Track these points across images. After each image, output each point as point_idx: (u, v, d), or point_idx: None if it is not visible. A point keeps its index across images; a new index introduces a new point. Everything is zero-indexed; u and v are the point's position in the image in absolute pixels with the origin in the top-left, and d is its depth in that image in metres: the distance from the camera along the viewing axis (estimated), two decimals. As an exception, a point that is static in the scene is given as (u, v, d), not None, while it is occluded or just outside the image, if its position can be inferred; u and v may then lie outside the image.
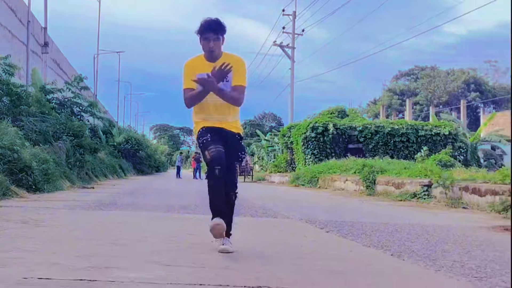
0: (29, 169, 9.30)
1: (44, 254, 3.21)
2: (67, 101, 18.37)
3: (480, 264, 3.56)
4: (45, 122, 13.68)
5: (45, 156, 10.83)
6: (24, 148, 10.16)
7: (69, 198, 8.75)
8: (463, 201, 9.20)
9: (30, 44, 18.11)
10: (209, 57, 3.76)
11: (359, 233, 5.13)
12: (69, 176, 12.60)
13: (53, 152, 12.37)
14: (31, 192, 8.98)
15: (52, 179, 10.45)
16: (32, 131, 12.59)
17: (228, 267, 3.10)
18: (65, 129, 14.34)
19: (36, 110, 14.14)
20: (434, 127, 23.21)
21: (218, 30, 3.71)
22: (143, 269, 2.87)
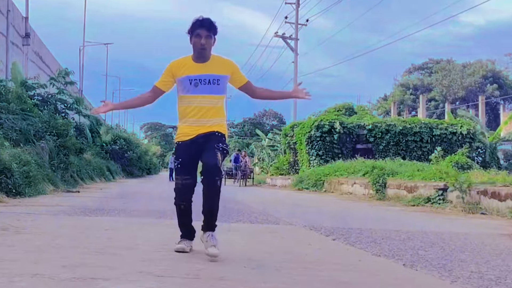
0: (9, 171, 9.29)
1: (26, 264, 3.21)
2: (50, 97, 18.37)
3: (500, 275, 3.56)
4: (26, 120, 13.68)
5: (26, 157, 10.83)
6: (3, 148, 10.16)
7: (53, 202, 8.75)
8: (482, 206, 9.20)
9: (9, 35, 18.11)
10: (199, 57, 3.87)
11: (368, 241, 5.13)
12: (53, 179, 12.60)
13: (35, 153, 12.37)
14: (11, 197, 8.98)
15: (34, 182, 10.45)
16: (12, 130, 12.59)
17: (224, 277, 3.10)
18: (48, 128, 14.34)
19: (16, 107, 14.13)
20: (450, 126, 23.22)
21: (211, 28, 3.83)
22: (133, 280, 2.87)
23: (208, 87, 3.82)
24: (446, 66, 60.84)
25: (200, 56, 3.86)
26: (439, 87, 58.01)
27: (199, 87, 3.81)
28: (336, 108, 29.06)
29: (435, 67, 62.28)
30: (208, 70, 3.84)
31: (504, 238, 5.76)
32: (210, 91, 3.83)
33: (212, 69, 3.86)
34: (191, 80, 3.82)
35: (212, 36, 3.85)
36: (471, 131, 23.09)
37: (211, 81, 3.83)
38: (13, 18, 18.64)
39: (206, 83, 3.82)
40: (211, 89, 3.83)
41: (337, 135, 22.19)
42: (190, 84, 3.83)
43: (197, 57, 3.88)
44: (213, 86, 3.83)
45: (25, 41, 20.26)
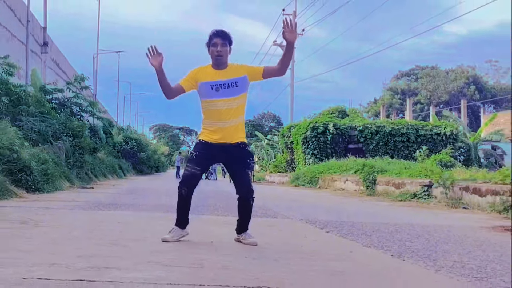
0: (28, 169, 9.29)
1: (43, 255, 3.21)
2: (67, 101, 18.35)
3: (480, 265, 3.56)
4: (44, 122, 13.67)
5: (44, 156, 10.82)
6: (23, 148, 10.15)
7: (69, 198, 8.75)
8: (464, 201, 9.20)
9: (29, 43, 18.12)
10: (217, 64, 3.99)
11: (359, 233, 5.13)
12: (69, 176, 12.60)
13: (52, 152, 12.36)
14: (31, 192, 8.98)
15: (52, 179, 10.45)
16: (31, 131, 12.58)
17: (227, 267, 3.10)
18: (64, 129, 14.33)
19: (35, 110, 14.12)
20: (435, 127, 23.20)
21: (225, 37, 3.97)
22: (143, 270, 2.87)
23: (228, 90, 3.93)
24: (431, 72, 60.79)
25: (218, 63, 3.98)
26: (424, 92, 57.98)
27: (220, 91, 3.93)
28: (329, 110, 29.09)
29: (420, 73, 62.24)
30: (227, 76, 3.96)
31: (484, 231, 5.76)
32: (230, 93, 3.93)
33: (229, 74, 3.97)
34: (213, 86, 3.94)
35: (227, 44, 3.98)
36: (454, 132, 23.07)
37: (230, 84, 3.94)
38: (32, 28, 18.64)
39: (226, 87, 3.93)
40: (231, 92, 3.93)
41: (331, 136, 22.18)
42: (211, 89, 3.94)
43: (215, 64, 3.99)
44: (232, 89, 3.94)
45: (44, 49, 20.26)
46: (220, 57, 3.94)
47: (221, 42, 3.94)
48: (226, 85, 3.93)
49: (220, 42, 3.93)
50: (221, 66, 3.98)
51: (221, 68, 3.98)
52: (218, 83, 3.93)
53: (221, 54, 3.93)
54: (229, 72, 3.98)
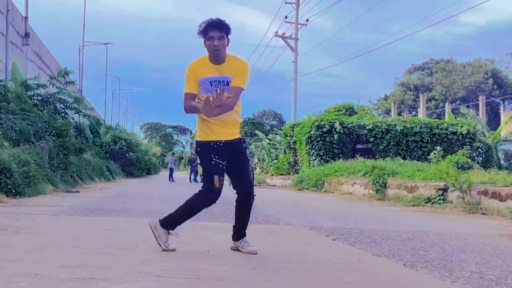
0: (8, 171, 9.29)
1: (25, 264, 3.21)
2: (50, 97, 18.36)
3: (500, 275, 3.56)
4: (26, 120, 13.68)
5: (26, 157, 10.83)
6: (3, 148, 10.16)
7: (52, 202, 8.75)
8: (482, 206, 9.20)
9: (9, 34, 18.11)
10: (214, 58, 3.94)
11: (368, 241, 5.13)
12: (52, 179, 12.61)
13: (34, 153, 12.37)
14: (11, 197, 8.98)
15: (34, 182, 10.45)
16: (11, 130, 12.59)
17: (224, 278, 3.10)
18: (47, 128, 14.33)
19: (16, 107, 14.13)
20: (451, 126, 23.22)
21: (222, 28, 3.89)
22: (133, 281, 2.87)
23: (226, 88, 3.89)
24: (446, 66, 60.84)
25: (215, 57, 3.94)
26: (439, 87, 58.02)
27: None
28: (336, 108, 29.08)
29: (435, 67, 62.28)
30: (224, 72, 3.94)
31: (504, 238, 5.76)
32: (227, 91, 3.89)
33: (227, 71, 3.95)
34: (212, 82, 3.92)
35: (225, 36, 3.91)
36: (471, 131, 23.08)
37: (228, 82, 3.93)
38: (12, 17, 18.64)
39: (225, 84, 3.91)
40: (227, 90, 3.89)
41: (337, 135, 22.18)
42: (211, 85, 3.92)
43: (213, 58, 3.95)
44: (226, 87, 3.91)
45: (25, 41, 20.26)
46: (217, 51, 3.89)
47: (218, 34, 3.86)
48: (225, 82, 3.92)
49: (218, 35, 3.86)
50: (218, 60, 3.95)
51: (218, 63, 3.95)
52: (217, 80, 3.93)
53: (218, 48, 3.87)
54: (227, 68, 3.96)
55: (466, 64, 60.49)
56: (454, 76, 57.75)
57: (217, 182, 3.85)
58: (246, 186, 4.06)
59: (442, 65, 61.48)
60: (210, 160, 3.91)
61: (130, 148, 33.19)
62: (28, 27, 20.64)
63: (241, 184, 4.05)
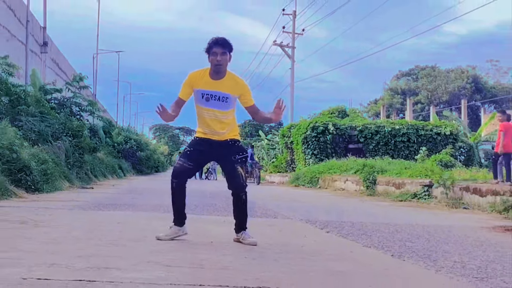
0: (28, 169, 9.29)
1: (43, 255, 3.21)
2: (66, 100, 18.34)
3: (481, 265, 3.56)
4: (44, 122, 13.67)
5: (44, 156, 10.82)
6: (23, 148, 10.15)
7: (68, 198, 8.75)
8: (464, 202, 9.20)
9: (29, 43, 18.11)
10: (216, 72, 3.97)
11: (359, 233, 5.13)
12: (68, 176, 12.59)
13: (52, 152, 12.36)
14: (30, 192, 8.98)
15: (51, 179, 10.44)
16: (31, 131, 12.58)
17: (227, 267, 3.10)
18: (64, 129, 14.32)
19: (35, 110, 14.12)
20: (435, 127, 23.18)
21: (225, 46, 3.96)
22: (143, 270, 2.87)
23: (218, 103, 3.96)
24: (431, 72, 60.79)
25: (216, 71, 3.97)
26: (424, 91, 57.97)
27: (210, 101, 3.96)
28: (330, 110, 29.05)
29: (421, 73, 62.23)
30: (220, 88, 3.97)
31: (485, 231, 5.76)
32: (219, 106, 3.97)
33: (224, 87, 3.97)
34: (203, 94, 3.97)
35: (227, 53, 3.96)
36: (454, 132, 23.05)
37: (221, 98, 3.97)
38: (32, 28, 18.63)
39: (217, 99, 3.96)
40: (220, 105, 3.97)
41: (331, 136, 22.16)
42: (202, 97, 3.97)
43: (214, 72, 3.98)
44: (221, 102, 3.97)
45: (43, 49, 20.25)
46: (219, 66, 3.93)
47: (221, 51, 3.92)
48: (217, 97, 3.96)
49: (220, 51, 3.91)
50: (219, 75, 3.98)
51: (218, 78, 3.98)
52: (210, 93, 3.95)
53: (220, 63, 3.92)
54: (225, 84, 3.98)
55: (449, 71, 60.43)
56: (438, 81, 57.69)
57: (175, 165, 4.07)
58: (234, 187, 4.08)
59: (427, 71, 61.42)
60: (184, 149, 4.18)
61: (140, 147, 33.15)
62: (46, 37, 20.63)
63: (229, 185, 4.10)
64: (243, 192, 4.08)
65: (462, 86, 56.24)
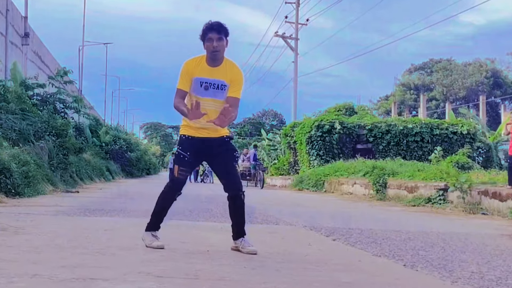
0: (8, 171, 9.29)
1: (25, 264, 3.21)
2: (49, 97, 18.36)
3: (501, 275, 3.56)
4: (25, 120, 13.68)
5: (25, 157, 10.82)
6: (2, 148, 10.16)
7: (52, 203, 8.75)
8: (483, 207, 9.20)
9: (9, 34, 18.11)
10: (212, 59, 3.98)
11: (368, 241, 5.13)
12: (52, 179, 12.60)
13: (34, 153, 12.36)
14: (10, 197, 8.98)
15: (33, 182, 10.45)
16: (11, 130, 12.59)
17: (224, 278, 3.10)
18: (47, 128, 14.33)
19: (15, 107, 14.13)
20: (451, 126, 23.20)
21: (221, 30, 3.95)
22: (132, 281, 2.87)
23: (216, 91, 3.97)
24: (447, 65, 60.82)
25: (213, 58, 3.98)
26: (439, 87, 58.01)
27: (209, 90, 3.96)
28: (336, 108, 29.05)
29: (435, 67, 62.27)
30: (219, 76, 3.98)
31: (505, 239, 5.76)
32: (217, 95, 3.97)
33: (222, 75, 3.99)
34: (202, 83, 3.96)
35: (223, 38, 3.96)
36: (471, 131, 23.06)
37: (219, 86, 3.97)
38: (12, 17, 18.63)
39: (215, 87, 3.96)
40: (217, 93, 3.97)
41: (337, 135, 22.17)
42: (200, 86, 3.97)
43: (211, 59, 3.99)
44: (219, 91, 3.98)
45: (24, 41, 20.25)
46: (216, 52, 3.94)
47: (217, 36, 3.92)
48: (216, 85, 3.96)
49: (216, 37, 3.91)
50: (216, 62, 3.99)
51: (215, 65, 3.99)
52: (209, 82, 3.96)
53: (217, 49, 3.92)
54: (223, 71, 3.99)
55: (466, 64, 60.47)
56: (455, 76, 57.73)
57: (177, 172, 4.02)
58: (234, 186, 4.07)
59: (443, 65, 61.44)
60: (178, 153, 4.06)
61: (130, 148, 33.18)
62: (28, 27, 20.63)
63: (228, 184, 4.08)
64: (242, 191, 4.07)
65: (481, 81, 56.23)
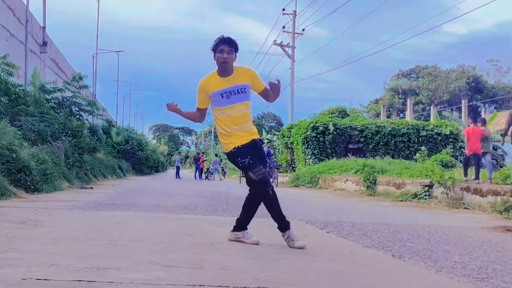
0: (28, 169, 9.29)
1: (43, 255, 3.21)
2: (65, 100, 18.35)
3: (481, 265, 3.56)
4: (43, 122, 13.67)
5: (43, 156, 10.83)
6: (22, 148, 10.16)
7: (68, 198, 8.75)
8: (465, 202, 9.20)
9: (28, 43, 18.11)
10: (222, 70, 4.03)
11: (359, 233, 5.13)
12: (68, 176, 12.60)
13: (51, 152, 12.36)
14: (30, 193, 8.98)
15: (51, 179, 10.45)
16: (30, 131, 12.59)
17: (227, 267, 3.10)
18: (63, 129, 14.33)
19: (34, 110, 14.13)
20: (436, 127, 23.20)
21: (232, 44, 4.02)
22: (142, 270, 2.87)
23: (238, 96, 4.00)
24: (432, 72, 60.81)
25: (223, 69, 4.02)
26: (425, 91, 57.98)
27: (230, 98, 3.99)
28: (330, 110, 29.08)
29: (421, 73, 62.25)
30: (234, 82, 4.01)
31: (485, 231, 5.76)
32: (240, 99, 4.01)
33: (237, 80, 4.02)
34: (223, 94, 3.99)
35: (233, 51, 4.02)
36: (454, 132, 23.07)
37: (239, 90, 4.01)
38: (31, 27, 18.62)
39: (236, 93, 4.00)
40: (241, 97, 4.01)
41: (331, 136, 22.17)
42: (222, 97, 3.99)
43: (221, 71, 4.03)
44: (242, 94, 4.01)
45: (43, 49, 20.24)
46: (226, 63, 3.98)
47: (228, 49, 3.97)
48: (236, 91, 3.99)
49: (227, 49, 3.97)
50: (226, 73, 4.02)
51: (227, 75, 4.02)
52: (228, 90, 3.98)
53: (227, 60, 3.97)
54: (236, 78, 4.04)
55: (450, 71, 60.48)
56: (439, 81, 57.72)
57: (255, 176, 3.96)
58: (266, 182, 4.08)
59: (428, 71, 61.42)
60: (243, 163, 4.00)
61: (140, 147, 33.18)
62: (46, 36, 20.63)
63: None
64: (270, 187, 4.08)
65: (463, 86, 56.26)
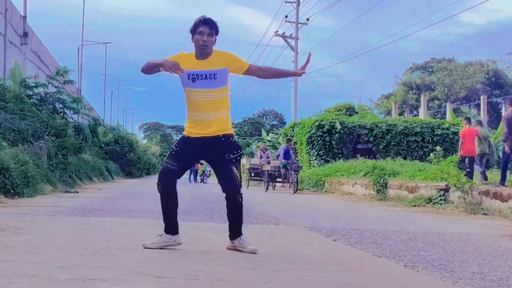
0: (7, 171, 9.29)
1: (24, 265, 3.21)
2: (48, 96, 18.36)
3: (502, 276, 3.56)
4: (24, 120, 13.68)
5: (24, 158, 10.82)
6: (1, 148, 10.16)
7: (51, 203, 8.75)
8: (483, 207, 9.20)
9: (8, 34, 18.11)
10: (200, 53, 4.04)
11: (369, 241, 5.13)
12: (51, 179, 12.60)
13: (33, 153, 12.36)
14: (9, 197, 8.98)
15: (32, 183, 10.45)
16: (10, 130, 12.58)
17: (223, 278, 3.10)
18: (46, 128, 14.34)
19: (14, 107, 14.12)
20: (452, 125, 23.20)
21: (213, 27, 4.01)
22: (131, 281, 2.87)
23: (205, 82, 3.98)
24: (448, 65, 60.77)
25: (201, 52, 4.03)
26: (441, 87, 57.97)
27: (196, 82, 3.99)
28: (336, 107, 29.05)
29: (436, 66, 62.21)
30: (207, 66, 4.00)
31: (506, 239, 5.76)
32: (207, 85, 3.99)
33: (210, 65, 4.01)
34: (189, 75, 3.99)
35: (213, 34, 4.02)
36: (472, 131, 23.04)
37: (208, 75, 3.98)
38: (11, 17, 18.63)
39: (203, 78, 3.98)
40: (208, 83, 3.98)
41: (338, 135, 22.18)
42: (188, 79, 4.00)
43: (199, 53, 4.04)
44: (210, 80, 3.99)
45: (23, 40, 20.25)
46: (205, 47, 3.98)
47: (208, 31, 3.97)
48: (204, 76, 3.98)
49: (207, 32, 3.97)
50: (204, 56, 4.03)
51: (203, 58, 4.03)
52: (195, 73, 3.98)
53: (206, 44, 3.97)
54: (211, 62, 4.02)
55: (467, 64, 60.45)
56: (456, 75, 57.70)
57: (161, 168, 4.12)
58: (228, 189, 4.08)
59: (444, 64, 61.37)
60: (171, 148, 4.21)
61: (130, 148, 33.19)
62: (27, 27, 20.63)
63: (223, 187, 4.12)
64: (239, 194, 4.07)
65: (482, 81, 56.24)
